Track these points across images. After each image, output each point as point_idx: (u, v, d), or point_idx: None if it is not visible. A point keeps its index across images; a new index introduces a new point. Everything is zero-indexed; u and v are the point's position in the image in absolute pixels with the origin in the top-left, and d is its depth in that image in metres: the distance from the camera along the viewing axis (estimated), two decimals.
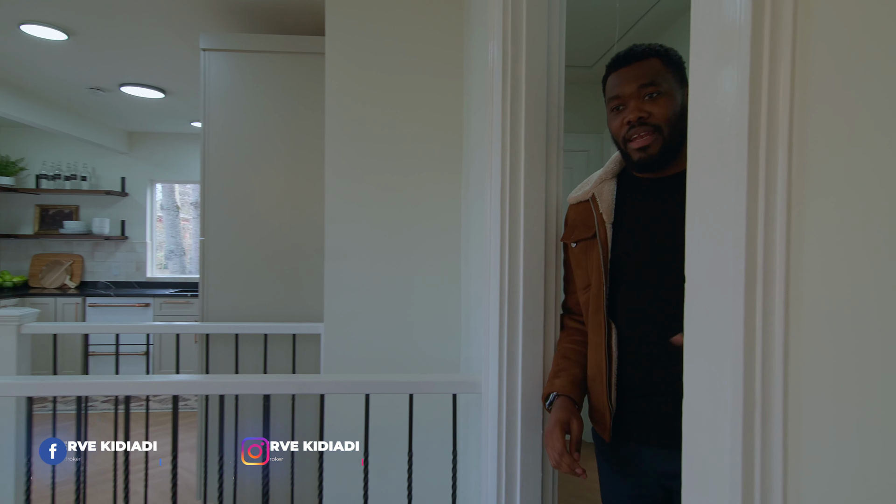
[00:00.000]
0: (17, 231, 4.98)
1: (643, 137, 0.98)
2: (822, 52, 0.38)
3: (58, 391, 1.25)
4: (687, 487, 0.51)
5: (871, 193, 0.34)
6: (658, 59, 1.01)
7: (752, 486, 0.42)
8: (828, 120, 0.38)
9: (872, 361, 0.34)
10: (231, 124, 2.34)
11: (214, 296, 2.30)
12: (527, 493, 1.24)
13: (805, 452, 0.38)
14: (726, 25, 0.44)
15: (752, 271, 0.42)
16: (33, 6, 2.37)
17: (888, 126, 0.33)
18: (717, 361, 0.45)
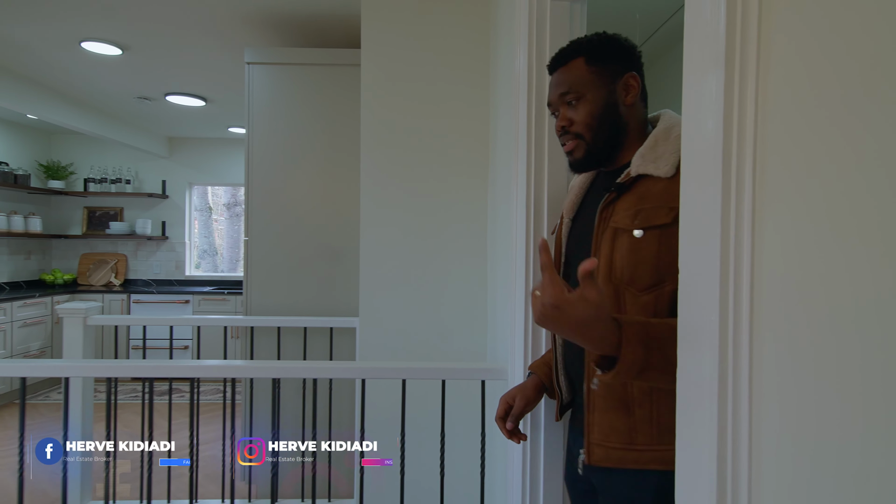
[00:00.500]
0: (66, 231, 5.29)
1: (569, 143, 1.00)
2: (781, 100, 0.50)
3: (139, 373, 1.42)
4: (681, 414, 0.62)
5: (814, 200, 0.46)
6: (582, 59, 1.00)
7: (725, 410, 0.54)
8: (784, 150, 0.49)
9: (818, 324, 0.45)
10: (272, 132, 2.51)
11: (257, 292, 2.47)
12: (550, 472, 1.36)
13: (765, 385, 0.50)
14: (707, 90, 0.56)
15: (725, 262, 0.54)
16: (94, 25, 2.59)
17: (829, 147, 0.45)
18: (701, 321, 0.57)
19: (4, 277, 4.71)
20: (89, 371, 1.55)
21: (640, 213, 0.88)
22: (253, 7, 2.37)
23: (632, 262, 0.88)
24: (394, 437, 1.68)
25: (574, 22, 1.33)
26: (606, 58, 0.99)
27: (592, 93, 0.97)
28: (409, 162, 2.13)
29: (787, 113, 0.49)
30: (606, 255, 0.91)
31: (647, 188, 0.90)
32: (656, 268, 0.86)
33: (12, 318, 4.10)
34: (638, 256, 0.87)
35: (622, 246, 0.89)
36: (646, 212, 0.88)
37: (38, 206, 5.07)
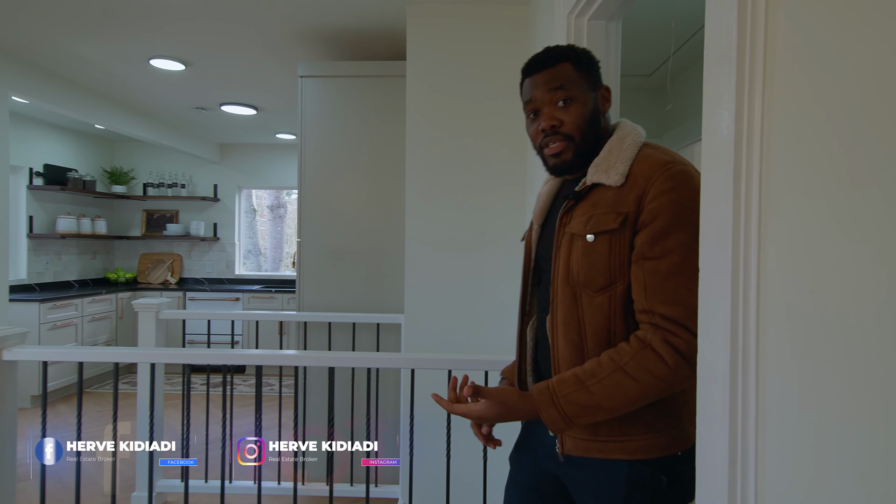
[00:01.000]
0: (127, 233, 5.67)
1: (556, 145, 0.99)
2: (781, 134, 0.60)
3: (213, 360, 1.60)
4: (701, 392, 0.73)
5: (807, 211, 0.56)
6: (569, 64, 1.00)
7: (736, 390, 0.64)
8: (784, 168, 0.59)
9: (813, 313, 0.55)
10: (323, 140, 2.69)
11: (309, 289, 2.65)
12: None
13: (770, 362, 0.60)
14: (722, 133, 0.66)
15: (736, 263, 0.64)
16: (162, 44, 2.83)
17: (819, 169, 0.55)
18: (715, 315, 0.67)
19: (74, 276, 5.10)
20: (176, 358, 1.74)
21: (592, 219, 0.94)
22: (307, 24, 2.54)
23: (586, 265, 0.94)
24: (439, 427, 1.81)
25: (609, 38, 1.43)
26: (589, 67, 1.02)
27: (583, 96, 0.99)
28: (451, 170, 2.26)
29: (789, 125, 0.59)
30: (564, 259, 0.97)
31: (599, 196, 0.95)
32: (608, 270, 0.92)
33: (83, 314, 4.45)
34: (591, 260, 0.93)
35: (577, 250, 0.95)
36: (597, 217, 0.93)
37: (102, 209, 5.45)
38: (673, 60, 2.90)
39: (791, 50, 0.59)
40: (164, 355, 1.71)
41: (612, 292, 0.92)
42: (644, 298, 0.88)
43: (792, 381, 0.58)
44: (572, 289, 0.95)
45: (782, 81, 0.60)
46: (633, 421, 0.92)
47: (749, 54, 0.63)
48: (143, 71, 3.24)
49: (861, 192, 0.50)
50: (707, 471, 0.70)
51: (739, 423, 0.63)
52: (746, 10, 0.63)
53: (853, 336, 0.50)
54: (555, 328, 0.98)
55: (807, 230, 0.56)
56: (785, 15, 0.60)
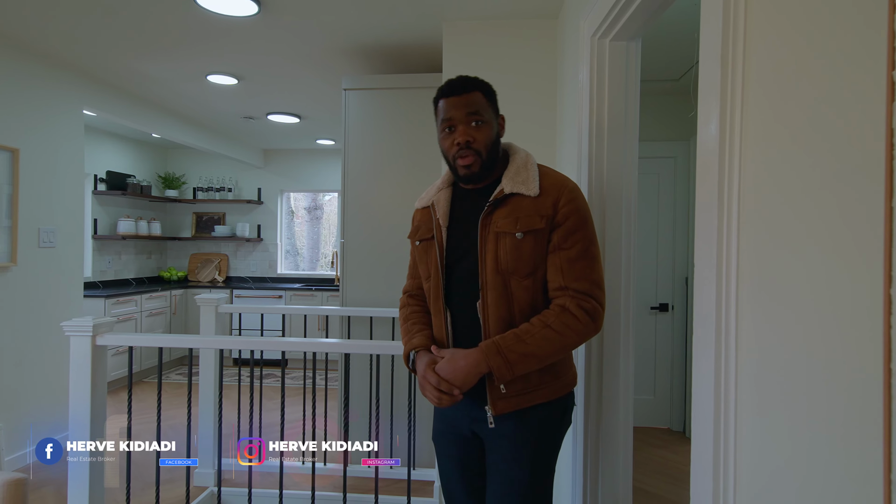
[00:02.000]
0: (179, 234, 6.05)
1: (468, 157, 1.19)
2: (756, 158, 0.74)
3: (284, 347, 1.81)
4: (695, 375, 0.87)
5: (774, 213, 0.70)
6: (480, 93, 1.22)
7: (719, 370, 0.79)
8: (757, 180, 0.74)
9: (774, 291, 0.70)
10: (364, 147, 2.89)
11: (352, 286, 2.86)
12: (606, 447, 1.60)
13: (743, 339, 0.75)
14: (707, 151, 0.81)
15: (720, 258, 0.79)
16: (218, 61, 3.09)
17: (783, 180, 0.69)
18: (705, 294, 0.82)
19: (132, 274, 5.49)
20: (249, 345, 1.97)
21: (520, 221, 1.16)
22: (349, 40, 2.75)
23: (514, 256, 1.16)
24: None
25: (630, 57, 1.57)
26: (493, 98, 1.27)
27: (490, 121, 1.22)
28: None
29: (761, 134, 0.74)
30: (493, 253, 1.18)
31: (517, 203, 1.18)
32: (532, 259, 1.17)
33: (141, 309, 4.81)
34: (519, 252, 1.16)
35: (505, 245, 1.17)
36: (524, 219, 1.16)
37: (156, 212, 5.84)
38: (696, 70, 2.98)
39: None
40: (238, 342, 1.93)
41: (535, 276, 1.19)
42: (561, 278, 1.16)
43: (763, 334, 0.72)
44: (502, 276, 1.18)
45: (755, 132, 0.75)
46: (547, 371, 1.19)
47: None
48: (201, 85, 3.52)
49: (805, 194, 0.64)
50: (700, 413, 0.85)
51: (723, 372, 0.78)
52: (728, 58, 0.77)
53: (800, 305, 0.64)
54: (486, 308, 1.19)
55: (771, 235, 0.71)
56: (755, 61, 0.74)
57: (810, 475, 0.62)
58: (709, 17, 0.84)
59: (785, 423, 0.67)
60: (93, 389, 1.86)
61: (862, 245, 0.54)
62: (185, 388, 4.59)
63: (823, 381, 0.60)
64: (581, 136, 1.65)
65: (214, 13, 2.38)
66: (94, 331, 1.84)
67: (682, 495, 2.77)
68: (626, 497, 1.60)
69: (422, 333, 1.30)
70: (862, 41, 0.56)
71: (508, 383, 1.16)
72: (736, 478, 0.76)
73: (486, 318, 1.18)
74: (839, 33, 0.59)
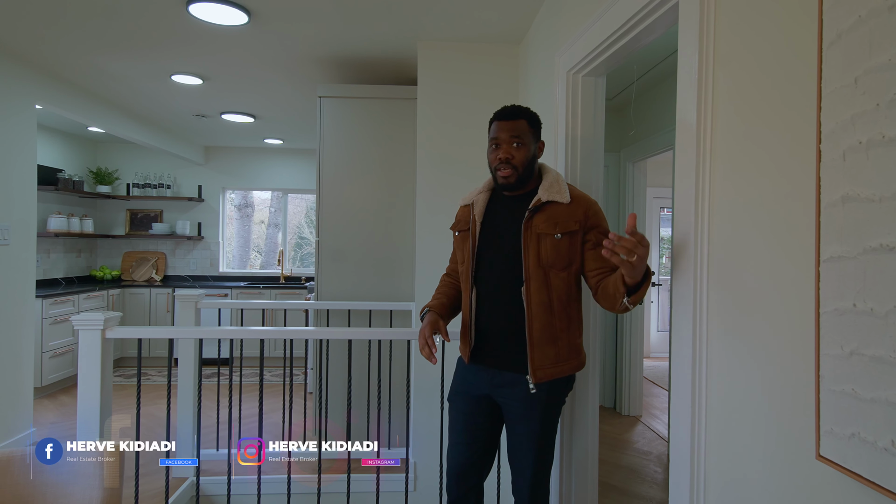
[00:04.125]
0: (111, 232, 5.78)
1: (506, 170, 1.50)
2: (723, 163, 1.09)
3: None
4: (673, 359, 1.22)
5: (734, 222, 1.06)
6: (525, 121, 1.52)
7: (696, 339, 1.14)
8: (723, 196, 1.09)
9: (733, 270, 1.05)
10: (338, 151, 3.08)
11: (326, 282, 3.04)
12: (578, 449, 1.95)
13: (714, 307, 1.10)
14: (687, 157, 1.16)
15: (695, 253, 1.14)
16: (190, 63, 3.13)
17: (745, 183, 1.04)
18: (683, 282, 1.17)
19: (61, 273, 5.20)
20: (253, 334, 2.11)
21: (559, 225, 1.46)
22: (327, 51, 2.92)
23: (553, 254, 1.46)
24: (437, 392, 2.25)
25: (598, 90, 1.93)
26: (537, 126, 1.57)
27: (529, 144, 1.52)
28: (456, 183, 2.70)
29: (728, 133, 1.09)
30: (535, 250, 1.47)
31: (554, 209, 1.48)
32: (568, 256, 1.47)
33: (79, 309, 4.61)
34: (557, 250, 1.46)
35: (546, 244, 1.46)
36: (561, 223, 1.46)
37: (87, 208, 5.56)
38: (636, 87, 3.46)
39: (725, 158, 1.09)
40: (243, 332, 2.07)
41: (570, 270, 1.49)
42: (609, 264, 1.42)
43: (726, 305, 1.08)
44: (543, 269, 1.47)
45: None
46: (575, 347, 1.52)
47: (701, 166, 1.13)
48: (163, 84, 3.51)
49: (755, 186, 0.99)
50: (678, 389, 1.20)
51: (697, 346, 1.13)
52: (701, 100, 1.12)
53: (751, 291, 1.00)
54: (529, 294, 1.47)
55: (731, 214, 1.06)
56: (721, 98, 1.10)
57: (760, 392, 0.98)
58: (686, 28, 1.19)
59: (741, 363, 1.02)
60: (102, 381, 1.94)
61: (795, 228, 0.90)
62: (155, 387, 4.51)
63: (772, 327, 0.96)
64: (557, 150, 1.99)
65: (206, 22, 2.48)
66: (105, 324, 1.92)
67: (620, 458, 3.23)
68: (593, 464, 1.95)
69: (437, 300, 1.67)
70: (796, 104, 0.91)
71: (548, 354, 1.46)
72: (707, 401, 1.11)
73: (529, 301, 1.47)
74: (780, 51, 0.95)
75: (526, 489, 1.53)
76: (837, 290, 0.77)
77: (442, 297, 1.69)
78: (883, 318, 0.69)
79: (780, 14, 0.93)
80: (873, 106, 0.71)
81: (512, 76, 2.77)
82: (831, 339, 0.78)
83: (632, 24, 1.47)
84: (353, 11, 2.41)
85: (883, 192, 0.69)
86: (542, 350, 1.47)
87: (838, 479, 0.79)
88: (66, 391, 4.42)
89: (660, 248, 6.15)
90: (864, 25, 0.72)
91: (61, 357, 4.42)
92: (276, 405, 3.62)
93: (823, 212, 0.79)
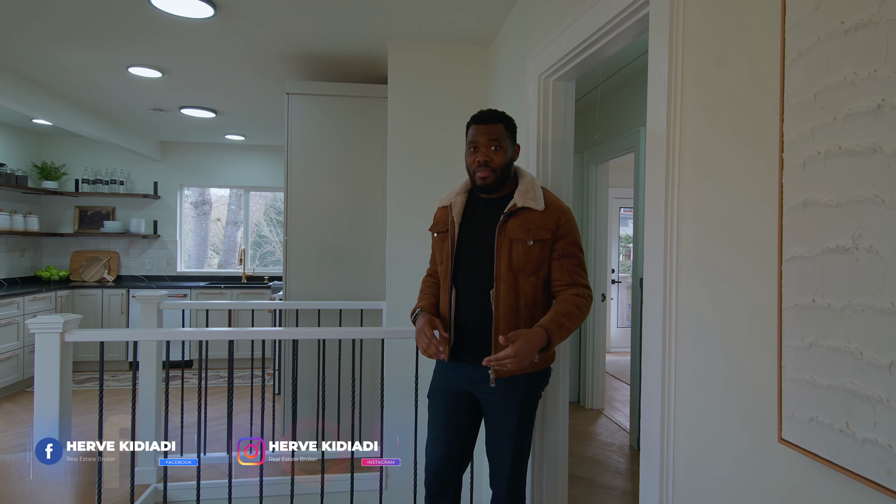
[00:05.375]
0: (58, 230, 5.50)
1: (484, 172, 1.54)
2: (689, 172, 1.16)
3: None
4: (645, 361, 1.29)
5: (702, 224, 1.12)
6: (503, 125, 1.57)
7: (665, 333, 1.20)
8: (692, 200, 1.16)
9: (703, 274, 1.12)
10: (306, 149, 3.04)
11: (295, 281, 3.00)
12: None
13: (682, 311, 1.17)
14: (657, 161, 1.22)
15: (665, 253, 1.21)
16: (149, 56, 3.02)
17: (714, 193, 1.11)
18: (653, 273, 1.23)
19: (3, 274, 4.91)
20: (223, 335, 2.06)
21: (531, 231, 1.52)
22: (295, 47, 2.88)
23: (524, 259, 1.52)
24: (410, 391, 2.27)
25: (568, 94, 1.99)
26: (513, 130, 1.63)
27: (506, 147, 1.57)
28: (427, 183, 2.73)
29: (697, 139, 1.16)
30: (507, 254, 1.53)
31: (528, 216, 1.54)
32: (537, 262, 1.53)
33: (24, 312, 4.37)
34: (528, 256, 1.52)
35: (517, 249, 1.52)
36: (534, 230, 1.52)
37: (31, 205, 5.27)
38: (602, 89, 3.57)
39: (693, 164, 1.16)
40: (210, 334, 2.03)
41: (538, 275, 1.55)
42: (568, 277, 1.55)
43: (697, 302, 1.15)
44: (513, 273, 1.53)
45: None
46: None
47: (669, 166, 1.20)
48: (119, 76, 3.37)
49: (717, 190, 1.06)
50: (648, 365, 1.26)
51: (666, 330, 1.20)
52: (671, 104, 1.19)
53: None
54: (498, 296, 1.53)
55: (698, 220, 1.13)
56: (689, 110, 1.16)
57: (720, 374, 1.05)
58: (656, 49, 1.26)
59: (709, 355, 1.09)
60: (61, 388, 1.87)
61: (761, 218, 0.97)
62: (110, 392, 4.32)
63: (734, 311, 1.03)
64: (529, 153, 2.04)
65: (170, 14, 2.40)
66: (64, 328, 1.85)
67: (584, 450, 3.33)
68: (563, 458, 2.02)
69: (427, 300, 1.70)
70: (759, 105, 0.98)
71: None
72: (676, 390, 1.18)
73: (497, 303, 1.53)
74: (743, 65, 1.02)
75: (504, 481, 1.58)
76: (798, 287, 0.84)
77: (430, 296, 1.72)
78: (839, 312, 0.76)
79: (748, 28, 1.00)
80: (831, 119, 0.78)
81: (482, 77, 2.81)
82: (792, 333, 0.85)
83: (603, 33, 1.53)
84: (323, 9, 2.40)
85: (839, 198, 0.76)
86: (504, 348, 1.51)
87: (798, 460, 0.86)
88: (10, 398, 4.19)
89: (618, 245, 6.36)
90: (822, 46, 0.79)
91: (5, 363, 4.18)
92: (243, 407, 3.55)
93: (785, 216, 0.86)
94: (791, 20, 0.85)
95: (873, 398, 0.71)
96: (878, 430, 0.70)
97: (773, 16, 0.91)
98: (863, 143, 0.73)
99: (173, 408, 3.51)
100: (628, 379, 4.48)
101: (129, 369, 5.09)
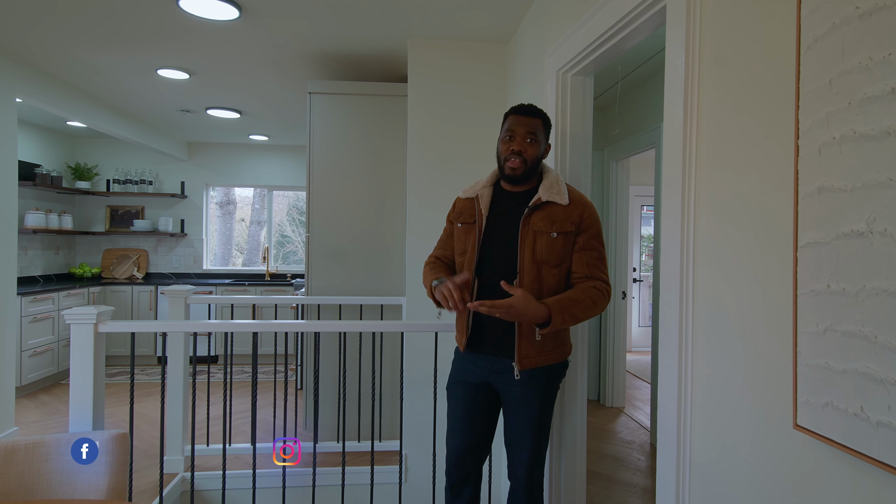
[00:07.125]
0: (90, 228, 5.69)
1: (516, 162, 1.57)
2: (706, 173, 1.16)
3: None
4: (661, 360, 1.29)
5: (719, 213, 1.13)
6: (541, 120, 1.61)
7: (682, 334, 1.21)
8: (708, 189, 1.16)
9: (717, 266, 1.12)
10: (328, 148, 3.10)
11: (317, 277, 3.06)
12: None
13: (699, 307, 1.17)
14: (674, 166, 1.23)
15: (682, 242, 1.21)
16: (178, 58, 3.12)
17: (726, 193, 1.11)
18: (670, 268, 1.24)
19: (39, 271, 5.10)
20: (253, 328, 2.12)
21: (555, 224, 1.54)
22: (317, 47, 2.94)
23: (548, 251, 1.54)
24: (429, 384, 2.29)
25: (586, 89, 2.00)
26: (548, 128, 1.66)
27: (541, 142, 1.61)
28: (446, 180, 2.75)
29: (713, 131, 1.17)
30: (531, 246, 1.55)
31: (552, 209, 1.56)
32: (561, 254, 1.55)
33: (59, 307, 4.54)
34: (552, 248, 1.54)
35: (541, 241, 1.54)
36: (558, 223, 1.55)
37: (65, 204, 5.46)
38: (621, 86, 3.55)
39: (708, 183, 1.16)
40: (236, 326, 2.09)
41: (561, 267, 1.57)
42: (587, 270, 1.57)
43: (712, 295, 1.15)
44: (537, 265, 1.55)
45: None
46: (557, 339, 1.59)
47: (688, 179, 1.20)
48: (149, 78, 3.48)
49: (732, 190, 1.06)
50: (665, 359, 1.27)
51: (684, 328, 1.20)
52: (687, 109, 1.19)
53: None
54: (522, 287, 1.51)
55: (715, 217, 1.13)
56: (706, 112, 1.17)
57: (738, 363, 1.05)
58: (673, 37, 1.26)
59: (725, 344, 1.10)
60: (95, 375, 1.94)
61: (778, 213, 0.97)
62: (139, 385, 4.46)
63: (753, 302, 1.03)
64: None
65: (196, 17, 2.48)
66: (98, 318, 1.93)
67: (604, 447, 3.32)
68: (581, 453, 2.02)
69: (442, 272, 1.68)
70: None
71: (534, 343, 1.52)
72: (693, 378, 1.18)
73: None
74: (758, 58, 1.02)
75: (523, 472, 1.60)
76: (813, 273, 0.84)
77: (443, 267, 1.73)
78: (853, 296, 0.76)
79: (763, 18, 1.01)
80: (846, 105, 0.78)
81: (501, 74, 2.83)
82: (808, 318, 0.85)
83: (621, 26, 1.54)
84: (345, 9, 2.44)
85: (854, 183, 0.76)
86: (529, 340, 1.54)
87: (813, 446, 0.86)
88: (46, 390, 4.35)
89: (640, 245, 6.29)
90: (837, 31, 0.79)
91: (41, 356, 4.35)
92: (266, 401, 3.63)
93: (801, 202, 0.87)
94: (806, 8, 0.86)
95: (887, 381, 0.71)
96: (892, 412, 0.70)
97: (788, 3, 0.92)
98: (877, 127, 0.73)
99: (199, 401, 3.62)
100: (649, 378, 4.44)
101: (158, 364, 5.25)
